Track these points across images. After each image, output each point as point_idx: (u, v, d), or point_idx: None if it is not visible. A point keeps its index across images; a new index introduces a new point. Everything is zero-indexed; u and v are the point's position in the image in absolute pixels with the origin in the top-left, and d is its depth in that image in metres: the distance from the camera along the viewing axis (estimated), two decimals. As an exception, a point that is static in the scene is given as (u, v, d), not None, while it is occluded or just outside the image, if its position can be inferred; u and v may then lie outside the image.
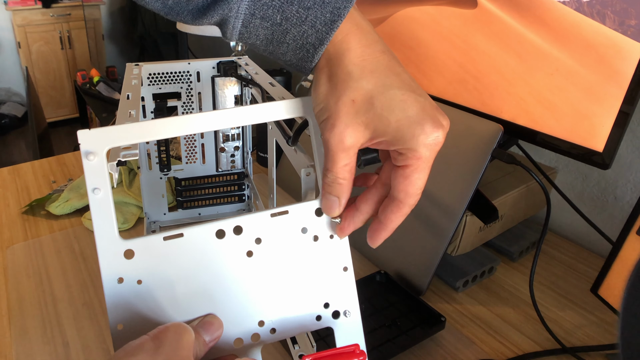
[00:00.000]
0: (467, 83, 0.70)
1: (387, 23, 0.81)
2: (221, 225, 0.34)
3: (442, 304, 0.66)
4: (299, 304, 0.36)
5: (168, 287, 0.33)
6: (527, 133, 0.64)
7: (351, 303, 0.37)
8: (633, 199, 0.75)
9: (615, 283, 0.55)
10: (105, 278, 0.32)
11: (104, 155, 0.32)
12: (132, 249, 0.33)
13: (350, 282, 0.37)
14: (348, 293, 0.37)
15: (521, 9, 0.63)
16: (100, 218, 0.32)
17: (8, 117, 2.99)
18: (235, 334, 0.35)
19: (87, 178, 0.31)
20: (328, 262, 0.36)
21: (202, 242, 0.34)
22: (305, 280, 0.36)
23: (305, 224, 0.36)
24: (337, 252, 0.36)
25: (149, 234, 0.33)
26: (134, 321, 0.33)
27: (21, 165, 1.03)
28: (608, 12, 0.55)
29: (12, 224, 0.82)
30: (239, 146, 0.77)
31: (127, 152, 0.37)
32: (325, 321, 0.36)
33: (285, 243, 0.35)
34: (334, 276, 0.36)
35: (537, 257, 0.59)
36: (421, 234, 0.66)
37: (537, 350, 0.59)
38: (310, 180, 0.41)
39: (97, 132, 0.31)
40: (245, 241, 0.34)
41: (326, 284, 0.36)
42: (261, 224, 0.35)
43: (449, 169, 0.64)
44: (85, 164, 0.31)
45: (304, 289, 0.36)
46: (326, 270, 0.36)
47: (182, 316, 0.34)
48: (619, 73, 0.54)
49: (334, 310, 0.37)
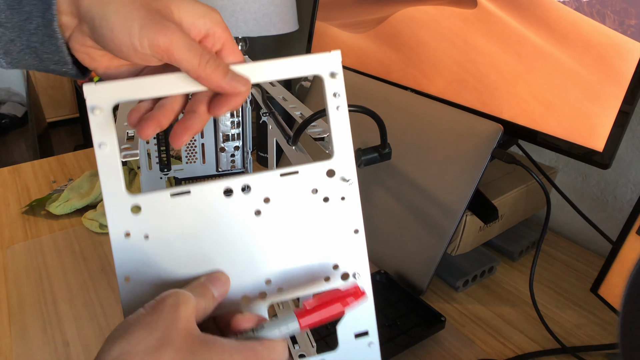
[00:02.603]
0: (467, 83, 0.70)
1: (387, 23, 0.82)
2: (229, 183, 0.33)
3: (442, 303, 0.66)
4: (307, 264, 0.35)
5: (175, 243, 0.33)
6: (527, 133, 0.64)
7: (361, 265, 0.36)
8: (633, 199, 0.75)
9: (615, 283, 0.55)
10: (113, 232, 0.32)
11: (109, 109, 0.32)
12: (139, 204, 0.32)
13: (361, 244, 0.36)
14: (358, 255, 0.36)
15: (521, 9, 0.63)
16: (108, 173, 0.32)
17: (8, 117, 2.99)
18: (241, 291, 0.34)
19: (94, 133, 0.31)
20: (338, 223, 0.35)
21: (209, 200, 0.33)
22: (314, 241, 0.35)
23: (316, 185, 0.35)
24: (348, 214, 0.35)
25: (156, 190, 0.33)
26: (141, 274, 0.33)
27: (21, 165, 1.03)
28: (608, 12, 0.55)
29: (12, 224, 0.82)
30: (239, 146, 0.77)
31: (128, 152, 0.37)
32: (333, 282, 0.36)
33: (295, 203, 0.35)
34: (345, 238, 0.36)
35: (537, 256, 0.59)
36: (421, 234, 0.66)
37: (537, 350, 0.59)
38: None
39: (103, 86, 0.32)
40: (253, 200, 0.34)
41: (336, 245, 0.35)
42: (270, 183, 0.34)
43: (449, 169, 0.64)
44: (91, 119, 0.31)
45: (313, 250, 0.35)
46: (336, 231, 0.35)
47: (188, 272, 0.34)
48: (619, 73, 0.54)
49: (344, 272, 0.36)
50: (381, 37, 0.83)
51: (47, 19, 0.33)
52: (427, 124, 0.69)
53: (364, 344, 0.37)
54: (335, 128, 0.35)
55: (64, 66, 0.36)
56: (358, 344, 0.37)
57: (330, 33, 0.94)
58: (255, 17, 1.06)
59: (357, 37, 0.88)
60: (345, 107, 0.35)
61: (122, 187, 0.32)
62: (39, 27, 0.34)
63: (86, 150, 1.10)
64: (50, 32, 0.34)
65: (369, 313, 0.36)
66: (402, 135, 0.71)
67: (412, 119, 0.71)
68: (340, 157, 0.35)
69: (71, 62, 0.36)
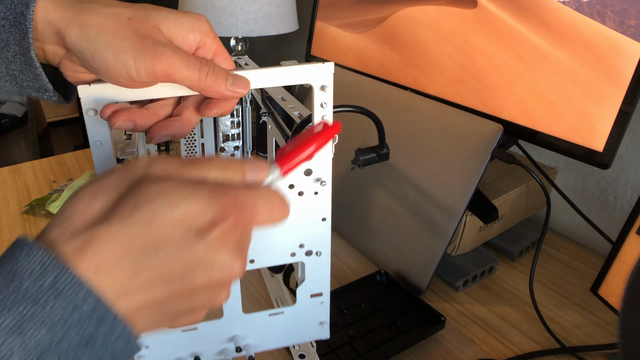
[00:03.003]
0: (467, 83, 0.70)
1: (387, 23, 0.81)
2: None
3: (442, 303, 0.66)
4: (276, 242, 0.39)
5: None
6: (527, 133, 0.64)
7: (324, 246, 0.41)
8: (633, 199, 0.75)
9: (615, 283, 0.55)
10: None
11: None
12: None
13: (326, 229, 0.40)
14: (323, 238, 0.40)
15: (521, 9, 0.63)
16: (103, 168, 0.34)
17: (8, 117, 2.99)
18: None
19: (89, 132, 0.33)
20: (309, 213, 0.39)
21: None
22: (287, 224, 0.39)
23: (293, 181, 0.38)
24: (319, 205, 0.39)
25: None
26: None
27: (21, 165, 1.03)
28: (608, 12, 0.55)
29: (12, 223, 0.82)
30: (239, 146, 0.77)
31: (127, 151, 0.37)
32: (298, 257, 0.40)
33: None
34: (313, 224, 0.40)
35: (537, 257, 0.59)
36: (421, 234, 0.66)
37: (537, 350, 0.59)
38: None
39: (98, 87, 0.33)
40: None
41: (304, 229, 0.40)
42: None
43: (449, 169, 0.64)
44: (87, 119, 0.33)
45: (283, 232, 0.39)
46: (306, 219, 0.39)
47: None
48: (619, 73, 0.54)
49: (308, 250, 0.40)
50: (381, 37, 0.83)
51: (23, 47, 0.33)
52: (427, 124, 0.69)
53: (317, 302, 0.42)
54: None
55: (45, 93, 0.36)
56: (313, 302, 0.42)
57: (330, 33, 0.94)
58: (255, 17, 1.06)
59: (357, 37, 0.88)
60: (330, 117, 0.37)
61: None
62: (16, 55, 0.33)
63: (86, 150, 1.10)
64: (28, 60, 0.33)
65: (325, 280, 0.42)
66: (402, 135, 0.71)
67: (412, 119, 0.71)
68: (319, 161, 0.38)
69: (52, 90, 0.36)
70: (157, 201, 0.25)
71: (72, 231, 0.25)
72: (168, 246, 0.25)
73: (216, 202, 0.26)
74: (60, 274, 0.23)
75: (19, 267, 0.24)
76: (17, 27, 0.32)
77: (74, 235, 0.25)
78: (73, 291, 0.23)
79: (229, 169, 0.29)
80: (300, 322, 0.43)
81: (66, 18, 0.32)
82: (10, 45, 0.33)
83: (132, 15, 0.32)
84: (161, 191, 0.26)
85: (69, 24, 0.32)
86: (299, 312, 0.42)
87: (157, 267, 0.25)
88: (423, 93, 0.76)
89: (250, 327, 0.41)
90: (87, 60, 0.32)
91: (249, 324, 0.41)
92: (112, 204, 0.26)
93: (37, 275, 0.23)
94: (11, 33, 0.32)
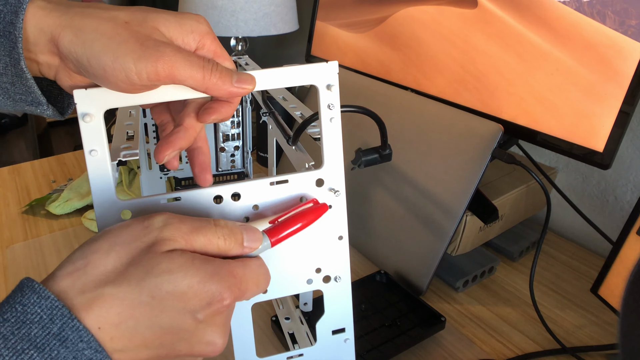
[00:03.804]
0: (467, 83, 0.70)
1: (387, 23, 0.81)
2: (219, 190, 0.34)
3: (442, 304, 0.66)
4: (291, 267, 0.37)
5: None
6: (527, 133, 0.64)
7: (343, 269, 0.38)
8: (633, 199, 0.75)
9: (615, 283, 0.55)
10: None
11: (100, 116, 0.32)
12: (129, 210, 0.33)
13: (344, 250, 0.37)
14: (341, 260, 0.38)
15: (521, 9, 0.63)
16: (98, 179, 0.32)
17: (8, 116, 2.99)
18: None
19: (84, 139, 0.32)
20: (324, 230, 0.37)
21: (199, 206, 0.34)
22: (300, 246, 0.36)
23: (305, 193, 0.36)
24: (334, 221, 0.37)
25: (146, 197, 0.33)
26: None
27: (21, 165, 1.03)
28: (608, 12, 0.55)
29: (12, 223, 0.82)
30: (239, 146, 0.77)
31: (127, 152, 0.37)
32: (315, 284, 0.37)
33: (283, 211, 0.35)
34: (329, 244, 0.37)
35: (537, 257, 0.59)
36: (421, 234, 0.66)
37: (537, 350, 0.59)
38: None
39: (94, 93, 0.31)
40: (242, 207, 0.35)
41: (320, 250, 0.37)
42: (259, 191, 0.35)
43: (449, 169, 0.64)
44: (82, 126, 0.31)
45: (298, 254, 0.37)
46: (321, 238, 0.37)
47: None
48: (619, 73, 0.54)
49: (325, 275, 0.38)
50: (381, 37, 0.83)
51: (13, 58, 0.32)
52: (427, 124, 0.69)
53: (340, 340, 0.39)
54: (327, 139, 0.36)
55: (39, 107, 0.35)
56: (335, 340, 0.39)
57: (330, 33, 0.94)
58: (255, 17, 1.06)
59: (357, 37, 0.88)
60: (338, 119, 0.35)
61: (113, 193, 0.32)
62: (7, 67, 0.32)
63: (86, 150, 1.10)
64: (19, 71, 0.32)
65: (347, 312, 0.39)
66: (402, 135, 0.71)
67: (412, 119, 0.71)
68: (330, 167, 0.36)
69: (45, 103, 0.35)
70: (164, 276, 0.28)
71: (83, 285, 0.27)
72: (165, 319, 0.28)
73: (215, 284, 0.29)
74: (67, 323, 0.26)
75: (28, 312, 0.26)
76: (7, 37, 0.31)
77: (84, 291, 0.27)
78: (76, 341, 0.26)
79: (230, 239, 0.31)
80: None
81: (59, 24, 0.31)
82: (0, 57, 0.32)
83: (129, 19, 0.31)
84: (169, 268, 0.28)
85: (62, 30, 0.31)
86: (320, 354, 0.39)
87: (151, 335, 0.28)
88: (423, 93, 0.76)
89: None
90: (83, 67, 0.31)
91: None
92: (123, 265, 0.28)
93: (45, 322, 0.25)
94: (0, 44, 0.31)
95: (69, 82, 0.33)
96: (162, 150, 0.34)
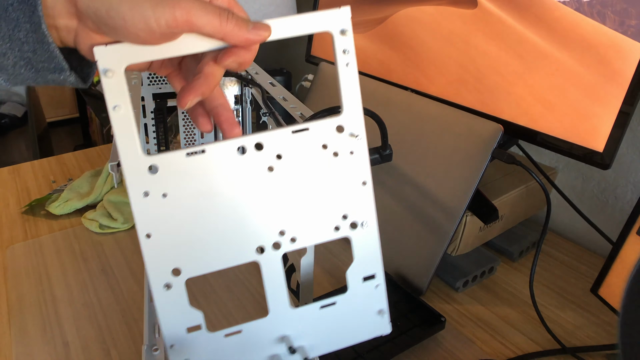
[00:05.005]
0: (467, 83, 0.70)
1: (387, 23, 0.82)
2: (243, 141, 0.35)
3: (442, 304, 0.66)
4: (318, 215, 0.37)
5: (192, 200, 0.34)
6: (527, 133, 0.64)
7: (369, 215, 0.38)
8: (633, 199, 0.75)
9: (615, 283, 0.55)
10: (132, 192, 0.33)
11: (122, 71, 0.32)
12: (156, 164, 0.33)
13: (369, 195, 0.38)
14: (366, 205, 0.38)
15: (521, 9, 0.63)
16: (123, 135, 0.33)
17: (8, 117, 2.99)
18: (257, 243, 0.36)
19: (107, 96, 0.32)
20: (347, 176, 0.37)
21: (224, 158, 0.35)
22: (325, 193, 0.37)
23: (326, 141, 0.36)
24: (356, 167, 0.37)
25: (171, 151, 0.34)
26: (161, 231, 0.34)
27: (21, 165, 1.03)
28: (608, 12, 0.55)
29: (12, 223, 0.82)
30: (239, 146, 0.76)
31: None
32: (343, 231, 0.38)
33: (306, 159, 0.36)
34: (353, 190, 0.38)
35: (537, 257, 0.59)
36: (421, 234, 0.66)
37: (537, 350, 0.59)
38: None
39: (114, 48, 0.32)
40: (266, 157, 0.36)
41: (345, 197, 0.37)
42: (282, 140, 0.36)
43: (449, 169, 0.64)
44: (104, 82, 0.32)
45: (323, 202, 0.37)
46: (345, 184, 0.37)
47: (206, 227, 0.35)
48: (619, 73, 0.54)
49: (352, 222, 0.38)
50: (381, 37, 0.83)
51: (34, 23, 0.32)
52: (427, 124, 0.69)
53: (371, 286, 0.39)
54: (344, 85, 0.36)
55: (62, 74, 0.35)
56: (366, 287, 0.39)
57: (330, 33, 0.94)
58: (255, 17, 1.06)
59: (358, 37, 0.88)
60: (354, 64, 0.36)
61: (138, 148, 0.33)
62: (28, 34, 0.33)
63: (86, 150, 1.10)
64: (41, 36, 0.33)
65: (376, 258, 0.39)
66: (402, 135, 0.71)
67: (412, 119, 0.71)
68: (349, 113, 0.37)
69: (68, 69, 0.35)
70: None
71: None
72: None
73: None
74: None
75: None
76: (26, 2, 0.32)
77: None
78: None
79: None
80: (355, 313, 0.40)
81: None
82: (21, 24, 0.32)
83: None
84: None
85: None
86: (352, 301, 0.39)
87: None
88: (423, 93, 0.76)
89: (301, 324, 0.38)
90: (102, 20, 0.31)
91: (299, 320, 0.38)
92: None
93: None
94: (20, 10, 0.32)
95: (89, 44, 0.33)
96: (185, 95, 0.34)
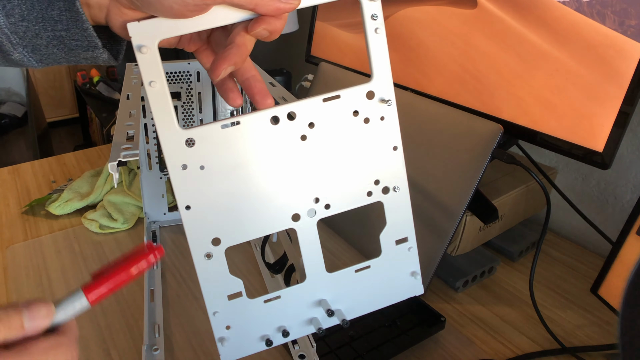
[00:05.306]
0: (467, 83, 0.70)
1: (387, 23, 0.81)
2: (275, 112, 0.36)
3: (442, 304, 0.66)
4: (351, 181, 0.38)
5: (229, 171, 0.35)
6: (527, 133, 0.64)
7: (400, 179, 0.39)
8: (633, 199, 0.75)
9: (615, 283, 0.55)
10: (171, 165, 0.34)
11: (155, 47, 0.33)
12: (192, 138, 0.34)
13: (400, 160, 0.39)
14: (397, 170, 0.39)
15: (521, 9, 0.63)
16: (160, 110, 0.33)
17: (8, 117, 2.99)
18: (293, 210, 0.37)
19: (143, 71, 0.32)
20: (378, 142, 0.38)
21: (258, 128, 0.35)
22: (357, 159, 0.38)
23: (357, 107, 0.37)
24: (387, 132, 0.38)
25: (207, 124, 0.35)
26: (200, 202, 0.35)
27: (21, 165, 1.03)
28: (608, 12, 0.55)
29: (12, 224, 0.82)
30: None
31: (128, 153, 0.37)
32: (375, 196, 0.39)
33: (337, 126, 0.37)
34: (384, 155, 0.38)
35: (537, 257, 0.59)
36: (421, 234, 0.66)
37: (537, 350, 0.59)
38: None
39: (147, 24, 0.32)
40: (299, 126, 0.36)
41: (376, 162, 0.38)
42: (314, 109, 0.36)
43: (449, 169, 0.64)
44: (139, 58, 0.32)
45: (356, 168, 0.38)
46: (377, 149, 0.38)
47: (243, 197, 0.36)
48: (619, 73, 0.54)
49: (384, 186, 0.39)
50: (381, 37, 0.83)
51: (68, 1, 0.32)
52: (427, 124, 0.69)
53: (404, 249, 0.41)
54: (374, 50, 0.37)
55: (95, 51, 0.35)
56: (399, 250, 0.40)
57: (330, 33, 0.94)
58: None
59: (357, 37, 0.88)
60: (383, 29, 0.36)
61: (175, 122, 0.34)
62: (62, 12, 0.33)
63: (86, 150, 1.10)
64: (74, 14, 0.33)
65: (408, 221, 0.40)
66: (402, 135, 0.71)
67: (412, 119, 0.71)
68: (379, 78, 0.38)
69: (101, 46, 0.35)
70: None
71: None
72: None
73: None
74: None
75: None
76: None
77: None
78: None
79: (7, 323, 0.28)
80: (389, 275, 0.41)
81: None
82: (54, 3, 0.32)
83: None
84: None
85: None
86: (386, 264, 0.40)
87: None
88: (423, 93, 0.76)
89: (337, 288, 0.39)
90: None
91: (335, 284, 0.39)
92: None
93: None
94: None
95: (120, 20, 0.33)
96: (219, 64, 0.34)
